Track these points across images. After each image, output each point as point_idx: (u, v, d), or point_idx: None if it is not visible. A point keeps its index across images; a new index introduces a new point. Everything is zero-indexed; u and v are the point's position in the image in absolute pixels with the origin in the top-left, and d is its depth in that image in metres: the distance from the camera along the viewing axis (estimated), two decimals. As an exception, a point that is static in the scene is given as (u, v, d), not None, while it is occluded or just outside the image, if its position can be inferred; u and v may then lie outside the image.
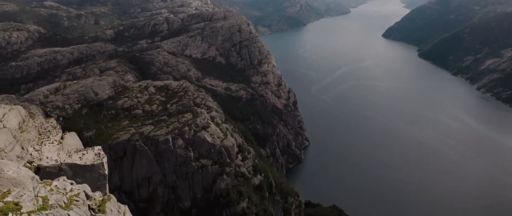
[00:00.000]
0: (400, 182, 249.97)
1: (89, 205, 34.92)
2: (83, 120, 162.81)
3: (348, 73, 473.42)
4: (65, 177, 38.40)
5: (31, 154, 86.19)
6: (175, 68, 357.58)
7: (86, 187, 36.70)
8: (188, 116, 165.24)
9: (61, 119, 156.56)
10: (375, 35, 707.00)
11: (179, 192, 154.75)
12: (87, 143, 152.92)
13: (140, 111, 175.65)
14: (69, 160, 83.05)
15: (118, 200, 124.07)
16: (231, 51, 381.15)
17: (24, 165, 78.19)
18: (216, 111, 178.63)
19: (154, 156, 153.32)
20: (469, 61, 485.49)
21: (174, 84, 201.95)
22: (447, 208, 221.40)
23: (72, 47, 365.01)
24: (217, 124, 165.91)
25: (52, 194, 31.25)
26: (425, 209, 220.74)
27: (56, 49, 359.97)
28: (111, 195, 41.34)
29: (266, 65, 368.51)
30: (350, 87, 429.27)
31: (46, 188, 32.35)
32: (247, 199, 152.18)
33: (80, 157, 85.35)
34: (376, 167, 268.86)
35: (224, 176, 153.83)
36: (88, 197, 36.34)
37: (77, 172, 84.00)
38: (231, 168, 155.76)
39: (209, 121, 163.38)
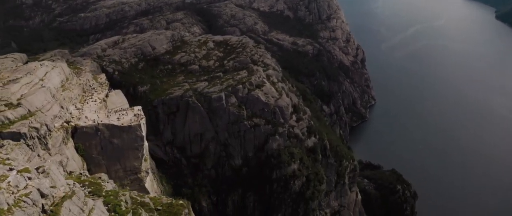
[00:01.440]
0: (466, 152, 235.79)
1: (43, 205, 32.00)
2: (138, 74, 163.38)
3: (421, 31, 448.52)
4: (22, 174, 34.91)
5: (71, 113, 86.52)
6: (242, 21, 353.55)
7: (42, 184, 33.45)
8: (243, 73, 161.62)
9: (116, 73, 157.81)
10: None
11: (230, 150, 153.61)
12: (141, 98, 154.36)
13: (197, 67, 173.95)
14: (106, 121, 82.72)
15: (170, 155, 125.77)
16: (300, 5, 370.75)
17: (61, 125, 78.52)
18: (273, 69, 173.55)
19: (206, 113, 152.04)
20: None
21: (234, 39, 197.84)
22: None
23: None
24: (273, 83, 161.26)
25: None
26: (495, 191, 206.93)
27: (124, 0, 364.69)
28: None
29: (335, 20, 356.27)
30: (422, 46, 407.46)
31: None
32: (298, 161, 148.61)
33: (118, 118, 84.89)
34: (443, 135, 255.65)
35: (277, 136, 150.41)
36: (43, 195, 33.36)
37: (114, 133, 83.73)
38: (284, 129, 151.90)
39: (264, 80, 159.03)
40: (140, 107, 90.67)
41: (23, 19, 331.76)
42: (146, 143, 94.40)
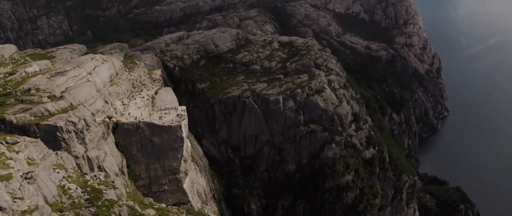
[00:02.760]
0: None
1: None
2: (199, 71, 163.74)
3: (503, 43, 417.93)
4: None
5: (115, 108, 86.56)
6: (315, 22, 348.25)
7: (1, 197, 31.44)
8: (304, 77, 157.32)
9: (177, 68, 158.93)
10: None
11: (284, 154, 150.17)
12: (199, 95, 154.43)
13: (258, 67, 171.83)
14: (147, 119, 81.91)
15: (224, 155, 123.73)
16: (377, 8, 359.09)
17: (103, 120, 78.58)
18: (336, 74, 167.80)
19: (263, 115, 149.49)
20: None
21: (300, 41, 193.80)
22: None
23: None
24: (334, 89, 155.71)
25: None
26: None
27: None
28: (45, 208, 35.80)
29: (412, 26, 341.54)
30: (503, 58, 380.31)
31: None
32: (353, 172, 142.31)
33: (160, 116, 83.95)
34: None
35: (333, 144, 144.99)
36: (1, 209, 31.39)
37: (154, 132, 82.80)
38: (341, 137, 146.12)
39: (325, 85, 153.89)
40: (184, 108, 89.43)
41: (100, 9, 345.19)
42: (188, 144, 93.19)
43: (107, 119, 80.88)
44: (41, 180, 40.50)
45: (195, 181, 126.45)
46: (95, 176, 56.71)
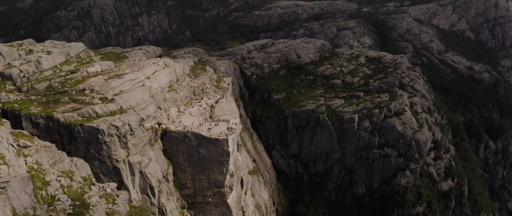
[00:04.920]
0: None
1: None
2: (277, 81, 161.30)
3: None
4: None
5: (168, 114, 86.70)
6: (416, 37, 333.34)
7: None
8: (385, 97, 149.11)
9: (254, 77, 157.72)
10: None
11: (355, 176, 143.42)
12: (274, 105, 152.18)
13: (340, 82, 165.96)
14: (195, 129, 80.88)
15: (293, 169, 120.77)
16: (483, 27, 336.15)
17: (151, 126, 78.73)
18: (422, 96, 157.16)
19: (336, 132, 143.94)
20: None
21: (388, 57, 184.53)
22: None
23: (314, 2, 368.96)
24: (415, 113, 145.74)
25: None
26: None
27: (299, 2, 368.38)
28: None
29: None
30: None
31: None
32: (425, 204, 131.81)
33: (209, 128, 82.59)
34: None
35: (407, 172, 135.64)
36: None
37: (201, 143, 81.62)
38: (417, 165, 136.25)
39: (406, 108, 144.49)
40: (237, 121, 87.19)
41: (200, 10, 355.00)
42: (239, 158, 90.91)
43: (156, 125, 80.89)
44: (12, 192, 40.38)
45: (255, 194, 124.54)
46: (103, 187, 56.07)
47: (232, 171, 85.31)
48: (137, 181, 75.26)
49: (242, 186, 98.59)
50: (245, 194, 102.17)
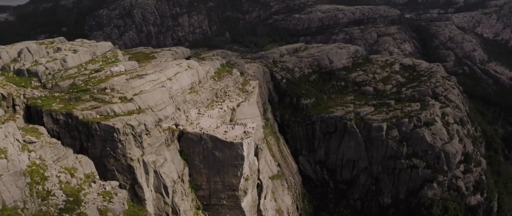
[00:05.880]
0: None
1: None
2: (307, 86, 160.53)
3: None
4: None
5: (187, 116, 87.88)
6: (459, 45, 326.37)
7: None
8: (415, 106, 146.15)
9: (284, 81, 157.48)
10: None
11: (381, 185, 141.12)
12: (302, 110, 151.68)
13: (371, 89, 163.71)
14: (211, 132, 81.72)
15: (319, 175, 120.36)
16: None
17: (169, 126, 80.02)
18: (455, 107, 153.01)
19: (363, 140, 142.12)
20: None
21: (424, 65, 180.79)
22: None
23: (355, 7, 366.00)
24: (446, 123, 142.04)
25: None
26: None
27: (340, 6, 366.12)
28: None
29: None
30: None
31: None
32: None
33: (225, 131, 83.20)
34: None
35: (434, 184, 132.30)
36: None
37: (216, 145, 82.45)
38: (445, 178, 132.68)
39: (437, 118, 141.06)
40: (254, 126, 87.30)
41: (240, 12, 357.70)
42: (255, 162, 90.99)
43: (173, 126, 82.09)
44: (3, 185, 42.02)
45: (278, 198, 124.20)
46: (103, 184, 57.36)
47: (247, 175, 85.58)
48: (151, 180, 76.57)
49: (261, 190, 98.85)
50: (265, 198, 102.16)
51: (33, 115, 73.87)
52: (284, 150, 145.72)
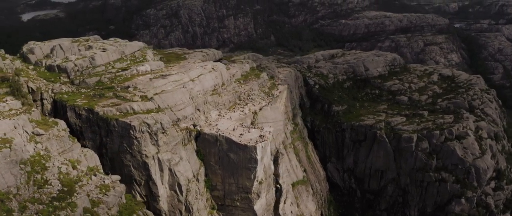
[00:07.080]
0: None
1: None
2: (340, 93, 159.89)
3: None
4: None
5: (207, 117, 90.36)
6: (508, 58, 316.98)
7: None
8: (448, 118, 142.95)
9: (317, 87, 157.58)
10: None
11: (408, 198, 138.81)
12: (333, 117, 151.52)
13: (406, 98, 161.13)
14: (226, 134, 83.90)
15: (347, 183, 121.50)
16: None
17: (186, 126, 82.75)
18: (491, 121, 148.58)
19: (392, 151, 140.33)
20: None
21: (464, 77, 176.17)
22: None
23: (403, 14, 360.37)
24: (479, 138, 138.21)
25: None
26: None
27: (388, 13, 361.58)
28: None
29: None
30: None
31: None
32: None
33: (241, 133, 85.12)
34: None
35: (463, 199, 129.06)
36: None
37: (231, 147, 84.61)
38: (474, 194, 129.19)
39: (470, 132, 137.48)
40: (271, 130, 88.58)
41: (286, 16, 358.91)
42: (270, 166, 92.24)
43: (191, 126, 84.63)
44: None
45: (301, 204, 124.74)
46: (103, 178, 60.16)
47: (261, 178, 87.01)
48: (166, 178, 79.36)
49: (281, 195, 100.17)
50: (284, 202, 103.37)
51: (59, 109, 78.31)
52: (312, 156, 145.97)
